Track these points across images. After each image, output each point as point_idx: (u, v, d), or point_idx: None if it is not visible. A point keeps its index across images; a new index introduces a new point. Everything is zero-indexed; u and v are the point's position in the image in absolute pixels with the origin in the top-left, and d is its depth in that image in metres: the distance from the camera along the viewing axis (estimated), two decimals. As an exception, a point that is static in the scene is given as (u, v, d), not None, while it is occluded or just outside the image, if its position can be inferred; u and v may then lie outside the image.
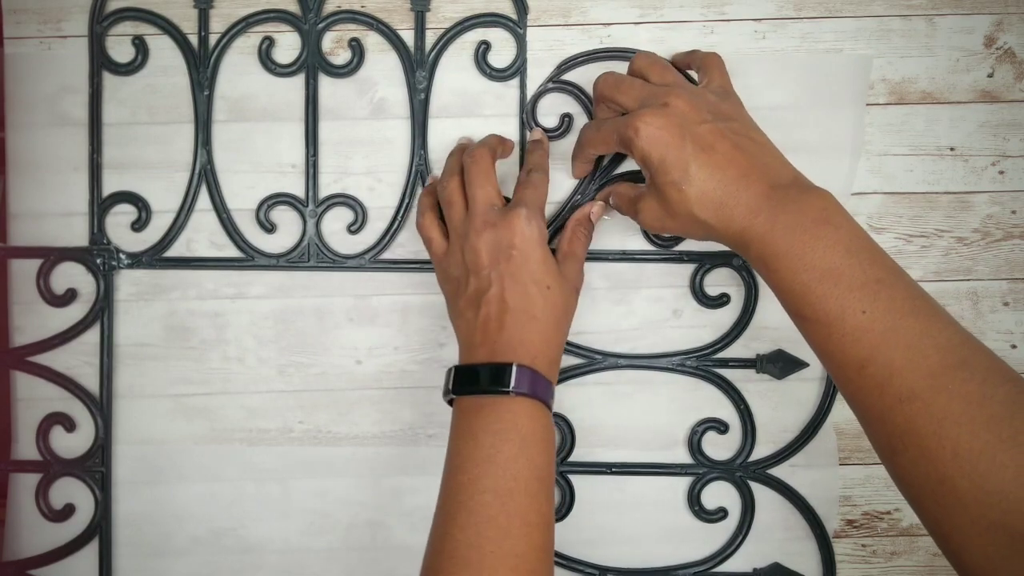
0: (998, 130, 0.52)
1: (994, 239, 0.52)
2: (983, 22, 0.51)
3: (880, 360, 0.36)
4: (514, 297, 0.43)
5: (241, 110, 0.52)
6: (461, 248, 0.45)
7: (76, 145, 0.52)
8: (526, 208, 0.45)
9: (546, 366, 0.43)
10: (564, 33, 0.51)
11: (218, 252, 0.52)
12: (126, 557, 0.52)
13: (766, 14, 0.51)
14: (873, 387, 0.37)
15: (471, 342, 0.44)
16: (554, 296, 0.44)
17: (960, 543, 0.34)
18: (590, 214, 0.49)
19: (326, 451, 0.52)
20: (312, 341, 0.52)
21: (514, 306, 0.43)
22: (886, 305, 0.37)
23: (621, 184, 0.49)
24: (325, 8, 0.51)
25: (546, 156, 0.50)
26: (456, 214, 0.46)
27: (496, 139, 0.49)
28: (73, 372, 0.52)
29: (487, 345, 0.43)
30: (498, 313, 0.43)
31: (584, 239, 0.49)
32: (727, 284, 0.52)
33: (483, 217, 0.45)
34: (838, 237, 0.38)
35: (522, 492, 0.40)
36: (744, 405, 0.52)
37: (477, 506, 0.40)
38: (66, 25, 0.51)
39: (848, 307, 0.37)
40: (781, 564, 0.52)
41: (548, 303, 0.44)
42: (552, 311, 0.44)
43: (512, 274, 0.44)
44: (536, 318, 0.43)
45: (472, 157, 0.47)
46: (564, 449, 0.52)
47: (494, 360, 0.43)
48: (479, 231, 0.44)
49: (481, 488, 0.40)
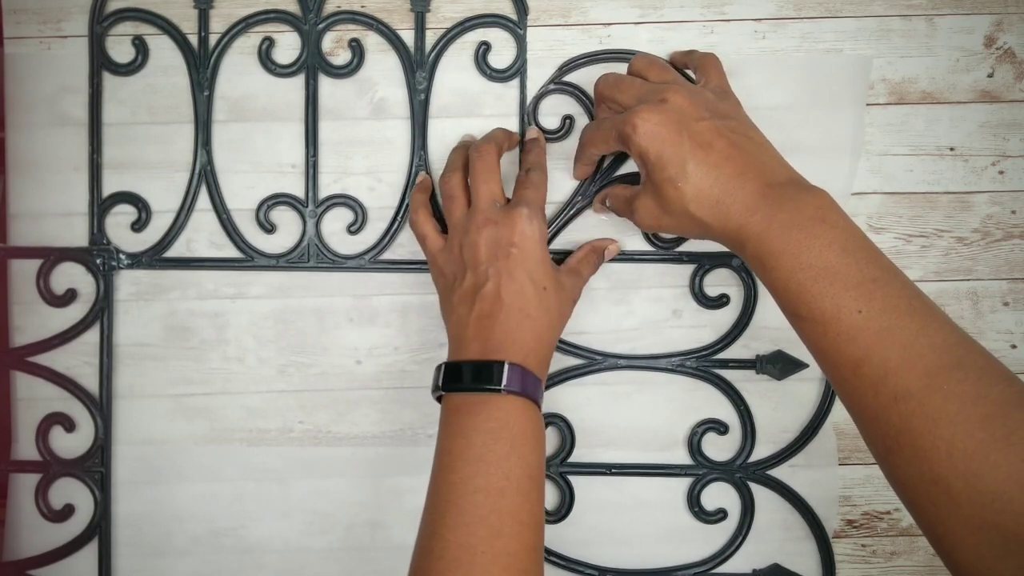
0: (998, 130, 0.52)
1: (994, 239, 0.52)
2: (983, 22, 0.51)
3: (875, 359, 0.36)
4: (510, 294, 0.43)
5: (241, 110, 0.52)
6: (460, 243, 0.45)
7: (76, 145, 0.52)
8: (528, 207, 0.45)
9: (537, 365, 0.43)
10: (564, 33, 0.51)
11: (218, 252, 0.52)
12: (126, 557, 0.52)
13: (766, 14, 0.51)
14: (868, 386, 0.36)
15: (463, 337, 0.44)
16: (549, 298, 0.44)
17: (953, 543, 0.34)
18: (606, 249, 0.50)
19: (326, 451, 0.52)
20: (312, 341, 0.52)
21: (509, 303, 0.43)
22: (881, 304, 0.37)
23: (617, 186, 0.49)
24: (325, 8, 0.51)
25: (543, 154, 0.50)
26: (457, 209, 0.46)
27: (502, 133, 0.49)
28: (73, 372, 0.52)
29: (479, 340, 0.43)
30: (492, 309, 0.43)
31: (594, 265, 0.49)
32: (727, 284, 0.52)
33: (485, 213, 0.45)
34: (834, 236, 0.38)
35: (514, 491, 0.40)
36: (744, 406, 0.52)
37: (468, 505, 0.40)
38: (66, 25, 0.51)
39: (844, 306, 0.37)
40: (781, 565, 0.52)
41: (543, 303, 0.44)
42: (546, 312, 0.44)
43: (510, 271, 0.43)
44: (530, 316, 0.43)
45: (479, 151, 0.47)
46: (564, 450, 0.52)
47: (485, 357, 0.42)
48: (480, 227, 0.44)
49: (472, 488, 0.40)
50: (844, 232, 0.38)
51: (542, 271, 0.44)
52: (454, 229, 0.46)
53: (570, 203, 0.51)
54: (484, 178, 0.46)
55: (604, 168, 0.51)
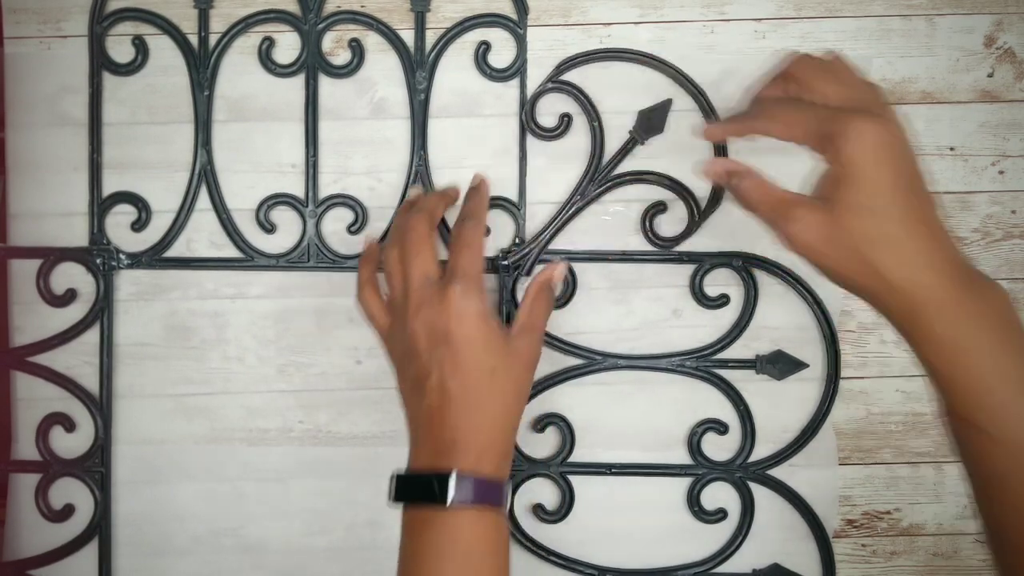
0: (998, 130, 0.52)
1: (994, 239, 0.52)
2: (983, 22, 0.51)
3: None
4: (456, 385, 0.40)
5: (241, 110, 0.52)
6: (400, 328, 0.42)
7: (76, 145, 0.52)
8: (461, 281, 0.41)
9: (495, 463, 0.40)
10: (564, 33, 0.51)
11: (218, 252, 0.52)
12: (126, 557, 0.52)
13: (766, 14, 0.51)
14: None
15: (415, 436, 0.42)
16: (501, 380, 0.41)
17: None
18: (552, 278, 0.46)
19: (326, 451, 0.52)
20: (312, 341, 0.52)
21: (456, 396, 0.40)
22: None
23: (762, 178, 0.40)
24: (325, 8, 0.51)
25: (484, 200, 0.47)
26: (395, 288, 0.44)
27: (436, 197, 0.47)
28: (73, 372, 0.52)
29: (429, 443, 0.40)
30: (439, 404, 0.40)
31: (546, 308, 0.45)
32: (727, 284, 0.52)
33: (418, 294, 0.41)
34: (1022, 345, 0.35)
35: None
36: (744, 406, 0.52)
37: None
38: (66, 25, 0.51)
39: (1017, 420, 0.34)
40: (780, 565, 0.52)
41: (495, 387, 0.40)
42: (500, 396, 0.41)
43: (452, 359, 0.40)
44: (481, 407, 0.40)
45: (407, 226, 0.44)
46: (564, 449, 0.52)
47: (434, 466, 0.40)
48: (415, 312, 0.41)
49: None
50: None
51: (488, 351, 0.41)
52: (394, 312, 0.44)
53: (569, 202, 0.51)
54: (414, 252, 0.42)
55: (603, 166, 0.51)
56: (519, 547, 0.52)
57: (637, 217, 0.51)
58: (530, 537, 0.52)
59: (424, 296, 0.41)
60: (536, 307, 0.44)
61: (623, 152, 0.51)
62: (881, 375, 0.52)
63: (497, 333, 0.41)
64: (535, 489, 0.52)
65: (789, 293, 0.51)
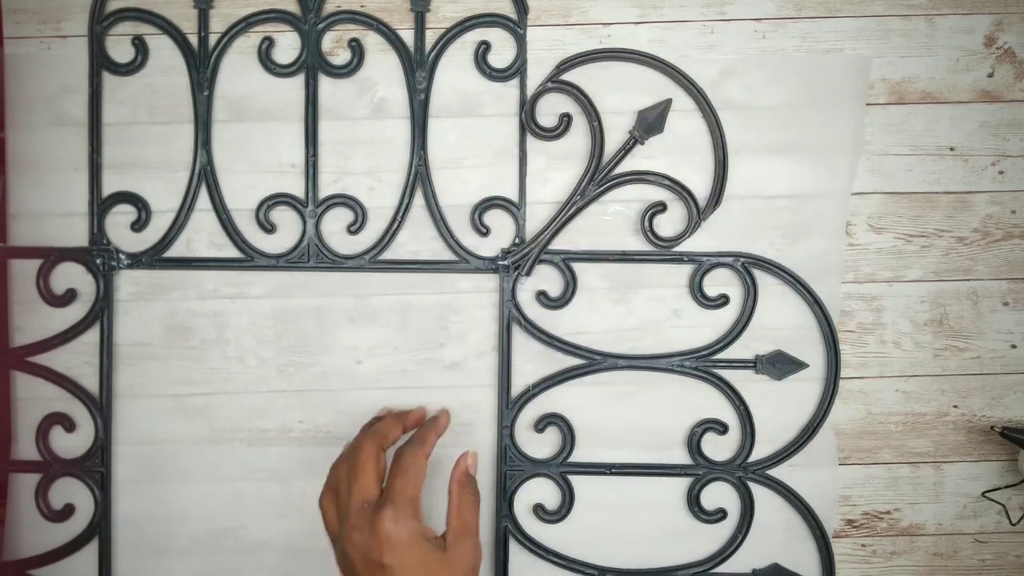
0: (998, 130, 0.52)
1: (994, 239, 0.52)
2: (983, 22, 0.51)
3: None
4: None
5: (241, 110, 0.52)
6: (341, 547, 0.43)
7: (76, 145, 0.52)
8: (392, 506, 0.42)
9: None
10: (564, 33, 0.51)
11: (218, 252, 0.52)
12: (126, 557, 0.52)
13: (766, 14, 0.51)
14: None
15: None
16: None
17: None
18: (467, 468, 0.46)
19: (326, 451, 0.52)
20: (312, 341, 0.52)
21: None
22: None
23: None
24: (325, 8, 0.51)
25: (434, 432, 0.47)
26: (339, 505, 0.44)
27: (391, 420, 0.48)
28: (73, 372, 0.52)
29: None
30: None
31: (473, 503, 0.45)
32: (727, 284, 0.52)
33: (354, 518, 0.42)
34: None
35: None
36: (743, 406, 0.52)
37: None
38: (66, 25, 0.51)
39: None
40: (780, 565, 0.52)
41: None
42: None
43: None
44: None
45: (358, 445, 0.45)
46: (564, 449, 0.52)
47: None
48: (349, 534, 0.42)
49: None
50: None
51: (423, 573, 0.41)
52: (334, 529, 0.44)
53: (569, 202, 0.51)
54: (355, 475, 0.44)
55: (603, 165, 0.51)
56: (519, 547, 0.52)
57: (637, 217, 0.51)
58: (530, 537, 0.52)
59: (358, 521, 0.42)
60: (462, 507, 0.45)
61: (623, 152, 0.51)
62: (881, 375, 0.52)
63: (430, 554, 0.42)
64: (535, 489, 0.52)
65: (789, 293, 0.51)
